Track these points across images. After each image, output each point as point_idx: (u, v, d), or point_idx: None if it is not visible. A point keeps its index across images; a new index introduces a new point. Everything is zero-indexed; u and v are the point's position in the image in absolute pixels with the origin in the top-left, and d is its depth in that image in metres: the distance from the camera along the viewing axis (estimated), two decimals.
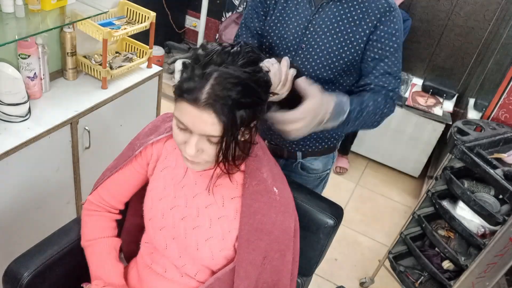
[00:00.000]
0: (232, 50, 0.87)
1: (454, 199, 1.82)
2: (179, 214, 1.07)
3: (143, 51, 2.02)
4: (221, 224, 1.03)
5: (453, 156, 1.71)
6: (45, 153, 1.60)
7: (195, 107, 0.83)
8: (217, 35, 3.30)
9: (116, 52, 2.05)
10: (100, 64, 1.84)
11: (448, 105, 2.84)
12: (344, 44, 1.20)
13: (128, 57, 2.00)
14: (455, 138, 1.68)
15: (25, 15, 1.55)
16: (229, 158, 0.91)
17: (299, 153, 1.43)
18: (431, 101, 2.83)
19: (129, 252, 1.30)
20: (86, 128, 1.73)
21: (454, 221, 1.71)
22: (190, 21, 3.72)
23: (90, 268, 1.14)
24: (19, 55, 1.59)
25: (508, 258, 1.56)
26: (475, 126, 1.84)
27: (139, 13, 1.96)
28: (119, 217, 1.22)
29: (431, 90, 2.86)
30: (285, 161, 1.45)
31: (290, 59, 1.22)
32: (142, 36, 2.02)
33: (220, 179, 1.03)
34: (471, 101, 2.45)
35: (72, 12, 1.72)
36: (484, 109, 2.03)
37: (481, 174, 1.60)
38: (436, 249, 1.89)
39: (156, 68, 2.06)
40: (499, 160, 1.66)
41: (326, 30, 1.20)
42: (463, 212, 1.75)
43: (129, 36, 1.94)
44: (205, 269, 1.07)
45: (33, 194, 1.63)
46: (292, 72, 1.13)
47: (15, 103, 1.53)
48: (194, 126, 0.86)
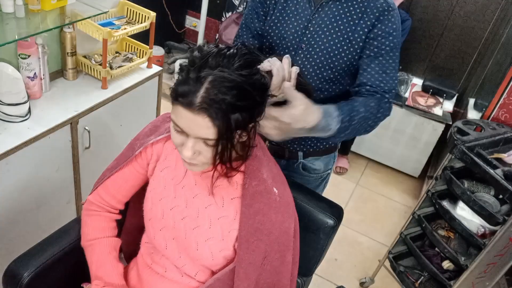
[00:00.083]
0: (228, 52, 0.86)
1: (454, 199, 1.82)
2: (179, 214, 1.07)
3: (143, 51, 2.02)
4: (221, 225, 1.03)
5: (453, 156, 1.71)
6: (45, 153, 1.60)
7: (189, 111, 0.83)
8: (217, 35, 3.29)
9: (116, 52, 2.05)
10: (100, 64, 1.84)
11: (448, 105, 2.84)
12: (344, 43, 1.20)
13: (128, 57, 1.99)
14: (455, 138, 1.69)
15: (25, 15, 1.55)
16: (225, 161, 0.90)
17: (300, 153, 1.43)
18: (431, 101, 2.83)
19: (129, 252, 1.30)
20: (86, 128, 1.73)
21: (454, 221, 1.71)
22: (190, 21, 3.72)
23: (90, 268, 1.14)
24: (19, 55, 1.59)
25: (508, 258, 1.56)
26: (475, 126, 1.84)
27: (139, 13, 1.95)
28: (119, 217, 1.22)
29: (431, 90, 2.86)
30: (287, 162, 1.45)
31: (286, 55, 1.22)
32: (142, 36, 2.02)
33: (220, 179, 1.03)
34: (471, 101, 2.45)
35: (72, 12, 1.72)
36: (484, 109, 2.03)
37: (481, 174, 1.60)
38: (436, 249, 1.89)
39: (156, 68, 2.06)
40: (499, 160, 1.66)
41: (325, 29, 1.20)
42: (463, 212, 1.75)
43: (129, 36, 1.94)
44: (205, 270, 1.07)
45: (33, 194, 1.63)
46: (295, 69, 1.12)
47: (15, 103, 1.53)
48: (190, 129, 0.86)
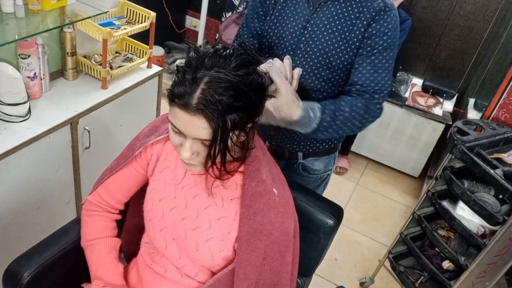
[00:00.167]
0: (224, 52, 0.86)
1: (454, 199, 1.82)
2: (179, 215, 1.07)
3: (143, 51, 2.02)
4: (221, 225, 1.03)
5: (453, 156, 1.71)
6: (45, 153, 1.60)
7: (186, 112, 0.83)
8: (217, 35, 3.29)
9: (116, 52, 2.05)
10: (100, 64, 1.84)
11: (448, 105, 2.84)
12: (341, 43, 1.20)
13: (128, 57, 1.99)
14: (455, 138, 1.68)
15: (25, 15, 1.55)
16: (217, 161, 0.90)
17: (300, 154, 1.42)
18: (431, 101, 2.83)
19: (129, 252, 1.30)
20: (86, 128, 1.73)
21: (454, 221, 1.71)
22: (190, 21, 3.72)
23: (90, 268, 1.14)
24: (19, 55, 1.59)
25: (508, 258, 1.56)
26: (475, 126, 1.84)
27: (139, 13, 1.95)
28: (118, 217, 1.22)
29: (431, 90, 2.86)
30: (286, 162, 1.45)
31: (287, 56, 1.22)
32: (142, 36, 2.02)
33: (219, 180, 1.03)
34: (471, 101, 2.45)
35: (72, 12, 1.72)
36: (484, 109, 2.03)
37: (481, 174, 1.60)
38: (436, 249, 1.89)
39: (156, 68, 2.06)
40: (499, 160, 1.66)
41: (323, 29, 1.20)
42: (463, 212, 1.74)
43: (129, 36, 1.94)
44: (205, 270, 1.07)
45: (33, 194, 1.63)
46: (298, 71, 1.13)
47: (15, 103, 1.53)
48: (187, 130, 0.86)
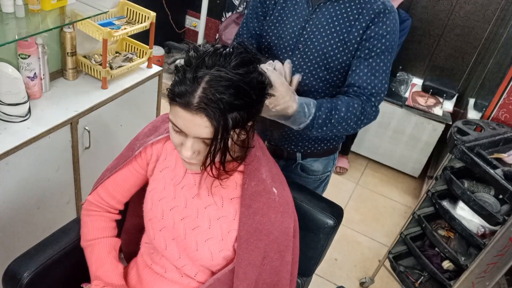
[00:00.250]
0: (224, 51, 0.86)
1: (454, 199, 1.82)
2: (179, 214, 1.07)
3: (143, 51, 2.02)
4: (221, 225, 1.03)
5: (453, 156, 1.71)
6: (45, 153, 1.60)
7: (187, 111, 0.83)
8: (217, 35, 3.29)
9: (116, 52, 2.05)
10: (100, 64, 1.84)
11: (448, 105, 2.84)
12: (340, 44, 1.19)
13: (128, 57, 1.99)
14: (455, 138, 1.68)
15: (25, 15, 1.55)
16: (216, 161, 0.90)
17: (298, 154, 1.42)
18: (431, 101, 2.83)
19: (129, 252, 1.30)
20: (86, 128, 1.73)
21: (454, 221, 1.71)
22: (190, 21, 3.72)
23: (90, 268, 1.14)
24: (19, 55, 1.59)
25: (508, 258, 1.56)
26: (475, 126, 1.84)
27: (139, 13, 1.95)
28: (118, 217, 1.22)
29: (431, 90, 2.86)
30: (285, 162, 1.45)
31: (288, 60, 1.23)
32: (142, 36, 2.02)
33: (218, 179, 1.03)
34: (471, 101, 2.45)
35: (72, 12, 1.72)
36: (484, 109, 2.03)
37: (481, 174, 1.60)
38: (436, 249, 1.89)
39: (156, 68, 2.06)
40: (499, 160, 1.65)
41: (322, 30, 1.20)
42: (463, 212, 1.74)
43: (129, 36, 1.94)
44: (205, 270, 1.07)
45: (33, 194, 1.63)
46: (298, 77, 1.14)
47: (15, 103, 1.53)
48: (188, 129, 0.86)
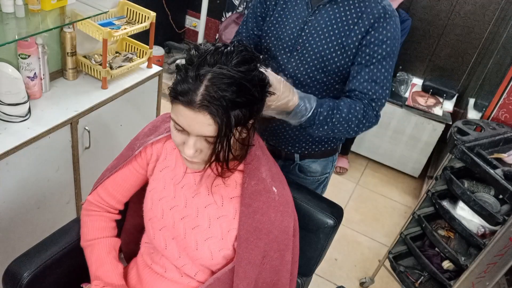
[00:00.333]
0: (226, 50, 0.87)
1: (454, 199, 1.82)
2: (179, 214, 1.07)
3: (143, 51, 2.02)
4: (220, 224, 1.03)
5: (453, 156, 1.70)
6: (45, 153, 1.60)
7: (190, 109, 0.83)
8: (217, 35, 3.29)
9: (116, 52, 2.05)
10: (100, 64, 1.84)
11: (448, 105, 2.84)
12: (337, 48, 1.18)
13: (128, 57, 1.99)
14: (455, 138, 1.68)
15: (25, 15, 1.55)
16: (220, 159, 0.90)
17: (296, 155, 1.42)
18: (431, 101, 2.83)
19: (129, 252, 1.30)
20: (86, 128, 1.73)
21: (454, 221, 1.71)
22: (190, 21, 3.73)
23: (90, 268, 1.14)
24: (19, 55, 1.59)
25: (508, 258, 1.56)
26: (475, 126, 1.84)
27: (139, 13, 1.96)
28: (118, 217, 1.22)
29: (431, 90, 2.86)
30: (283, 163, 1.44)
31: (285, 60, 1.23)
32: (142, 36, 2.02)
33: (219, 179, 1.03)
34: (471, 101, 2.45)
35: (72, 12, 1.72)
36: (484, 109, 2.03)
37: (481, 174, 1.60)
38: (436, 249, 1.89)
39: (156, 68, 2.06)
40: (499, 160, 1.65)
41: (320, 32, 1.19)
42: (463, 212, 1.74)
43: (129, 36, 1.94)
44: (205, 269, 1.07)
45: (33, 194, 1.63)
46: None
47: (15, 103, 1.53)
48: (190, 127, 0.86)
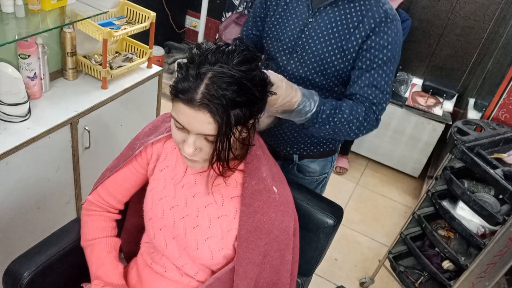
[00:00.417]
0: (227, 49, 0.87)
1: (454, 199, 1.82)
2: (179, 213, 1.07)
3: (143, 51, 2.02)
4: (221, 224, 1.03)
5: (453, 156, 1.70)
6: (45, 153, 1.60)
7: (190, 107, 0.83)
8: (217, 35, 3.29)
9: (116, 52, 2.05)
10: (100, 64, 1.84)
11: (448, 105, 2.84)
12: (337, 51, 1.17)
13: (128, 57, 1.99)
14: (455, 138, 1.68)
15: (25, 15, 1.55)
16: (222, 158, 0.90)
17: (295, 156, 1.42)
18: (431, 101, 2.83)
19: (129, 252, 1.30)
20: (86, 128, 1.73)
21: (454, 221, 1.71)
22: (190, 21, 3.73)
23: (90, 268, 1.14)
24: (19, 55, 1.59)
25: (508, 258, 1.56)
26: (475, 126, 1.84)
27: (139, 13, 1.96)
28: (118, 217, 1.22)
29: (431, 90, 2.86)
30: (282, 162, 1.44)
31: (285, 61, 1.22)
32: (142, 36, 2.02)
33: (219, 178, 1.03)
34: (471, 101, 2.45)
35: (72, 12, 1.72)
36: (484, 109, 2.03)
37: (481, 174, 1.60)
38: (436, 249, 1.89)
39: (156, 68, 2.06)
40: (499, 160, 1.65)
41: (320, 35, 1.18)
42: (463, 212, 1.74)
43: (129, 36, 1.94)
44: (205, 269, 1.07)
45: (33, 194, 1.63)
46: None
47: (15, 103, 1.53)
48: (190, 125, 0.86)
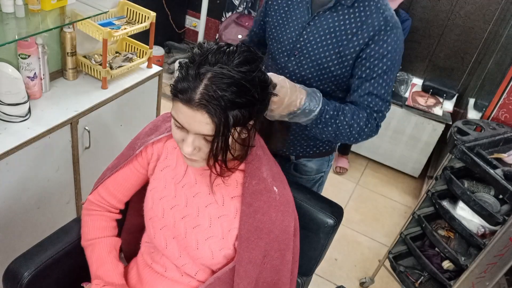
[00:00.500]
0: (228, 49, 0.87)
1: (454, 199, 1.82)
2: (179, 213, 1.07)
3: (143, 51, 2.02)
4: (221, 223, 1.03)
5: (453, 156, 1.71)
6: (45, 153, 1.60)
7: (189, 107, 0.83)
8: (217, 35, 3.30)
9: (116, 52, 2.05)
10: (100, 64, 1.84)
11: (448, 105, 2.84)
12: (335, 57, 1.16)
13: (128, 57, 1.99)
14: (455, 138, 1.68)
15: (25, 15, 1.55)
16: (219, 158, 0.90)
17: (292, 157, 1.42)
18: (431, 101, 2.83)
19: (129, 252, 1.30)
20: (86, 128, 1.73)
21: (454, 221, 1.71)
22: (190, 21, 3.73)
23: (90, 268, 1.14)
24: (19, 55, 1.59)
25: (508, 258, 1.56)
26: (475, 126, 1.84)
27: (139, 13, 1.96)
28: (119, 216, 1.22)
29: (431, 90, 2.86)
30: (278, 161, 1.44)
31: (283, 64, 1.23)
32: (142, 36, 2.02)
33: (220, 178, 1.03)
34: (471, 101, 2.45)
35: (72, 12, 1.72)
36: (484, 109, 2.03)
37: (481, 174, 1.60)
38: (436, 249, 1.89)
39: (156, 68, 2.06)
40: (499, 160, 1.65)
41: (318, 40, 1.18)
42: (463, 212, 1.74)
43: (129, 36, 1.94)
44: (205, 269, 1.07)
45: (33, 194, 1.63)
46: None
47: (15, 103, 1.53)
48: (189, 125, 0.86)
